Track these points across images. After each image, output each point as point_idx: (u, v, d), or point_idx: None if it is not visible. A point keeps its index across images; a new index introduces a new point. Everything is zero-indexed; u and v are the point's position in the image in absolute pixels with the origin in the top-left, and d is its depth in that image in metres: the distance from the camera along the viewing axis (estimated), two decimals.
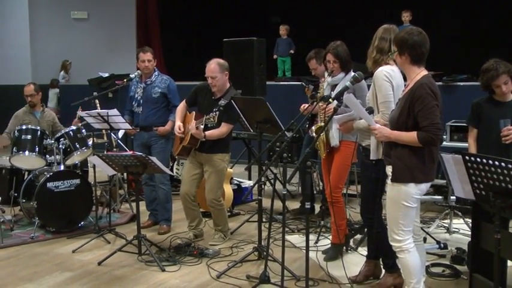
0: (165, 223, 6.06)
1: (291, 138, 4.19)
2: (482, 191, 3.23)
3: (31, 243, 5.61)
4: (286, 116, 5.20)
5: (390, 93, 3.97)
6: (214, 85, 5.32)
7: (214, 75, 5.28)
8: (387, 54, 4.04)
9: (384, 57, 4.08)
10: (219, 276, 4.66)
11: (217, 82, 5.31)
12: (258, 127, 5.11)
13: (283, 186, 4.20)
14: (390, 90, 3.97)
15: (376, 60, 4.12)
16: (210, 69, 5.30)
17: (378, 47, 4.12)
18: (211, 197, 5.46)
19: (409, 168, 3.51)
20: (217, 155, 5.41)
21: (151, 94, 5.89)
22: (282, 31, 11.17)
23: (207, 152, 5.39)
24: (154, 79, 5.94)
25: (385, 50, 4.09)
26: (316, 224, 5.95)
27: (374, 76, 4.04)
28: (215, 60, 5.36)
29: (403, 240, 3.63)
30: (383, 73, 3.99)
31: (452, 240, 5.56)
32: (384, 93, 3.97)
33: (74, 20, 13.32)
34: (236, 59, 7.58)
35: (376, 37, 4.15)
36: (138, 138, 6.02)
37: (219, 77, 5.29)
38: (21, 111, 6.67)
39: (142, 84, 5.95)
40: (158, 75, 6.00)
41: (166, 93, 5.89)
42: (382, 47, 4.10)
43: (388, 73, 3.99)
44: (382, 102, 3.96)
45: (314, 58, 5.80)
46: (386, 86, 3.97)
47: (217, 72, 5.28)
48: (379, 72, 4.02)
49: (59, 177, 5.84)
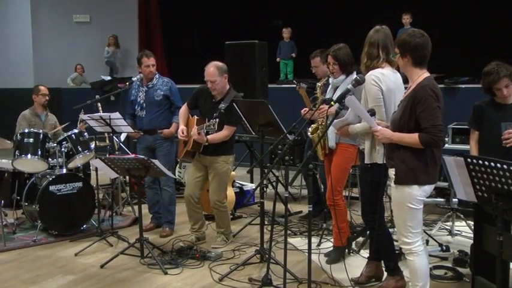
0: (167, 226, 6.07)
1: (293, 141, 4.19)
2: (484, 193, 3.23)
3: (33, 246, 5.62)
4: (288, 118, 5.19)
5: (379, 98, 4.01)
6: (214, 88, 5.33)
7: (213, 79, 5.27)
8: (376, 59, 4.11)
9: (374, 62, 4.13)
10: (221, 279, 4.66)
11: (217, 86, 5.31)
12: (260, 130, 5.12)
13: (285, 189, 4.21)
14: (379, 94, 4.02)
15: (368, 66, 4.17)
16: (209, 73, 5.29)
17: (367, 53, 4.18)
18: (215, 198, 5.47)
19: (412, 170, 3.51)
20: (221, 157, 5.43)
21: (154, 97, 5.90)
22: (285, 34, 11.18)
23: (211, 154, 5.41)
24: (156, 82, 5.95)
25: (374, 55, 4.14)
26: (318, 226, 5.95)
27: (366, 81, 4.06)
28: (213, 63, 5.34)
29: (412, 242, 3.63)
30: (371, 78, 4.04)
31: (454, 242, 5.56)
32: (373, 97, 4.02)
33: (76, 23, 13.34)
34: (238, 61, 7.59)
35: (366, 43, 4.20)
36: (142, 142, 6.03)
37: (218, 81, 5.29)
38: (27, 112, 6.69)
39: (144, 88, 5.96)
40: (159, 78, 6.01)
41: (168, 95, 5.90)
42: (371, 53, 4.15)
43: (377, 77, 4.03)
44: (372, 106, 3.98)
45: (319, 56, 5.89)
46: (374, 91, 4.02)
47: (216, 75, 5.27)
48: (367, 77, 4.06)
49: (61, 180, 5.85)
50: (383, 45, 4.13)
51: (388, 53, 4.10)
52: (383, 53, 4.11)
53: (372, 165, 4.13)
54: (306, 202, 4.03)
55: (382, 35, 4.16)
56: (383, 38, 4.15)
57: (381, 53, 4.12)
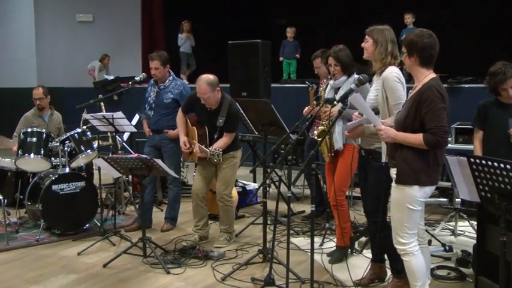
0: (169, 221, 6.09)
1: (295, 141, 4.18)
2: (487, 193, 3.23)
3: (36, 246, 5.63)
4: (291, 118, 5.20)
5: (403, 95, 3.97)
6: (208, 103, 5.33)
7: (206, 96, 5.27)
8: (396, 57, 4.07)
9: (393, 60, 4.09)
10: (223, 278, 4.66)
11: (211, 101, 5.32)
12: (263, 129, 5.13)
13: (288, 188, 4.21)
14: (402, 91, 3.99)
15: (385, 64, 4.09)
16: (201, 91, 5.26)
17: (391, 52, 4.08)
18: (222, 191, 5.48)
19: (414, 170, 3.49)
20: (229, 153, 5.45)
21: (163, 99, 5.90)
22: (289, 33, 11.16)
23: None
24: (168, 84, 5.94)
25: (396, 54, 4.10)
26: (321, 226, 5.94)
27: (383, 78, 4.01)
28: (204, 79, 5.26)
29: (407, 243, 3.61)
30: (393, 75, 3.99)
31: (457, 242, 5.55)
32: (398, 94, 3.96)
33: (79, 22, 13.34)
34: (241, 61, 7.60)
35: (386, 40, 4.09)
36: (150, 140, 6.06)
37: (211, 97, 5.29)
38: (30, 113, 6.67)
39: (156, 88, 5.96)
40: (173, 80, 5.99)
41: (178, 99, 5.86)
42: (394, 51, 4.09)
43: (399, 74, 4.01)
44: (396, 104, 3.94)
45: (320, 57, 5.89)
46: (398, 88, 3.97)
47: (208, 92, 5.25)
48: (389, 74, 4.00)
49: (64, 179, 5.85)
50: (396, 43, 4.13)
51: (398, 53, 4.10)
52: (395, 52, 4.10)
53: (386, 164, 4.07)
54: (309, 202, 4.03)
55: (393, 34, 4.15)
56: (394, 37, 4.14)
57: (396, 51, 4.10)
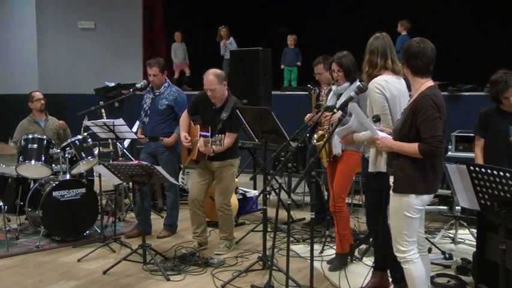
0: (167, 228, 6.10)
1: (296, 148, 4.19)
2: (487, 201, 3.23)
3: (36, 252, 5.63)
4: (292, 125, 5.20)
5: (384, 106, 3.98)
6: (214, 96, 5.33)
7: (213, 87, 5.27)
8: (378, 66, 4.08)
9: (376, 70, 4.11)
10: (223, 285, 4.65)
11: (217, 94, 5.32)
12: (263, 137, 5.13)
13: (288, 196, 4.21)
14: (384, 102, 3.98)
15: (369, 74, 4.14)
16: (208, 82, 5.28)
17: (368, 61, 4.15)
18: (221, 200, 5.48)
19: (410, 179, 3.49)
20: (227, 161, 5.45)
21: (158, 106, 5.91)
22: (290, 41, 11.18)
23: (217, 159, 5.42)
24: (163, 91, 5.96)
25: (374, 63, 4.12)
26: (321, 233, 5.94)
27: (368, 89, 4.05)
28: (212, 71, 5.33)
29: (407, 250, 3.61)
30: (374, 85, 4.01)
31: (457, 250, 5.54)
32: (378, 106, 3.98)
33: (81, 29, 13.37)
34: (242, 68, 7.62)
35: (367, 51, 4.17)
36: (147, 147, 6.07)
37: (218, 89, 5.30)
38: (25, 121, 6.72)
39: (151, 95, 5.98)
40: (168, 86, 6.01)
41: (173, 105, 5.88)
42: (372, 60, 4.13)
43: (380, 85, 4.00)
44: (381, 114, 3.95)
45: (322, 63, 5.90)
46: (379, 99, 3.99)
47: (215, 84, 5.27)
48: (371, 85, 4.04)
49: (64, 186, 5.86)
50: (382, 52, 4.11)
51: (386, 60, 4.09)
52: (381, 60, 4.09)
53: (377, 173, 4.12)
54: (309, 209, 4.03)
55: (381, 42, 4.14)
56: (382, 45, 4.13)
57: (379, 60, 4.11)
